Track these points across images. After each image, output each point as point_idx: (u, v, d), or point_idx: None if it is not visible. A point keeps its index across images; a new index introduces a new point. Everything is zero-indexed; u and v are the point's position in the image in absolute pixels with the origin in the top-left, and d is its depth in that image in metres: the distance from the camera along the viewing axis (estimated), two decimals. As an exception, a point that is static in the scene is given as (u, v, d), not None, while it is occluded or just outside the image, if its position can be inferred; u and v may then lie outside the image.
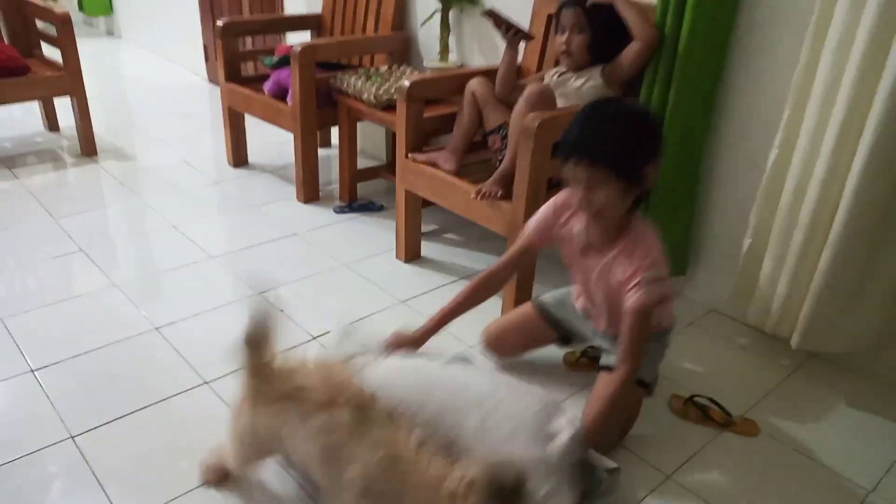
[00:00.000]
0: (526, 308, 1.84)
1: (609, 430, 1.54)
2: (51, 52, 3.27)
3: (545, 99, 1.89)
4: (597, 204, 1.43)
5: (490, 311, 1.92)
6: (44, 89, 3.11)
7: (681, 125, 1.94)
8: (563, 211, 1.61)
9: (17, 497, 1.42)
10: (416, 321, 1.72)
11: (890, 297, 1.72)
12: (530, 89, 1.92)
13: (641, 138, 1.43)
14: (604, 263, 1.53)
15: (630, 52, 1.91)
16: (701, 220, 2.15)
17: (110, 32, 6.09)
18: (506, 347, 1.86)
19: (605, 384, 1.51)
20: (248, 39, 3.97)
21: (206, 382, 1.77)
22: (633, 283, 1.45)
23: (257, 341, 1.28)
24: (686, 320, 2.13)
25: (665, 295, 1.51)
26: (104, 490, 1.44)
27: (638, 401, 1.65)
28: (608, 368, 1.57)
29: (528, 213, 1.75)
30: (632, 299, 1.46)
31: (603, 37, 1.96)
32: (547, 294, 1.84)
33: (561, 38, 2.02)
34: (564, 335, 1.82)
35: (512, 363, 1.87)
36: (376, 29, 2.90)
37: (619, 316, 1.51)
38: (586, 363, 1.86)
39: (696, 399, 1.75)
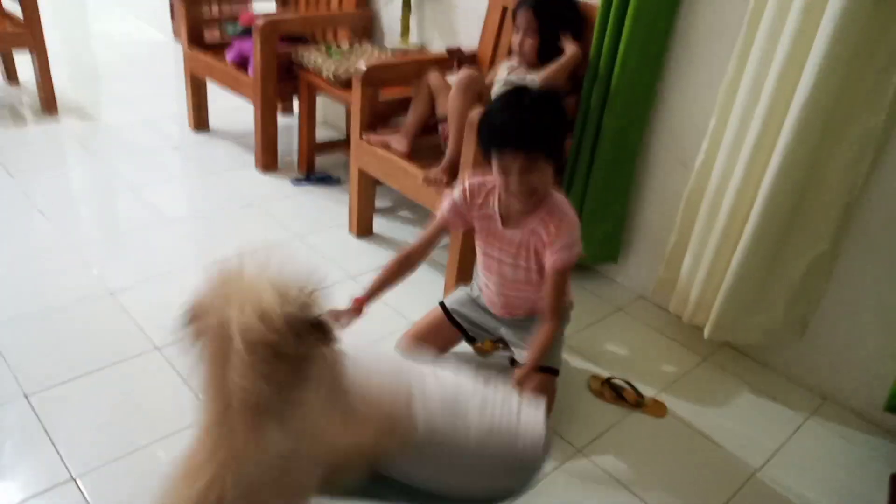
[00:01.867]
0: (436, 312, 1.88)
1: None
2: (10, 5, 3.24)
3: (474, 83, 2.07)
4: (533, 184, 1.55)
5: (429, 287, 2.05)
6: (4, 43, 3.09)
7: (617, 124, 2.06)
8: (477, 193, 1.68)
9: (-28, 451, 1.52)
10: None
11: (790, 299, 1.89)
12: (460, 76, 2.08)
13: (559, 118, 1.58)
14: (528, 230, 1.63)
15: (557, 64, 2.06)
16: (633, 212, 2.29)
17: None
18: (422, 352, 1.82)
19: (535, 339, 1.62)
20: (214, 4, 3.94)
21: (156, 348, 1.87)
22: (555, 246, 1.59)
23: None
24: (615, 305, 2.29)
25: (576, 257, 1.62)
26: (56, 447, 1.55)
27: (552, 385, 1.77)
28: (518, 364, 1.71)
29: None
30: (553, 259, 1.59)
31: (552, 43, 2.08)
32: (450, 296, 1.91)
33: (515, 38, 2.12)
34: (469, 335, 1.87)
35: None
36: (341, 4, 2.94)
37: (529, 288, 1.67)
38: (498, 347, 1.95)
39: (612, 381, 1.91)
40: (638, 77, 2.02)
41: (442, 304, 1.89)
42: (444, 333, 1.87)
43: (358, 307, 1.61)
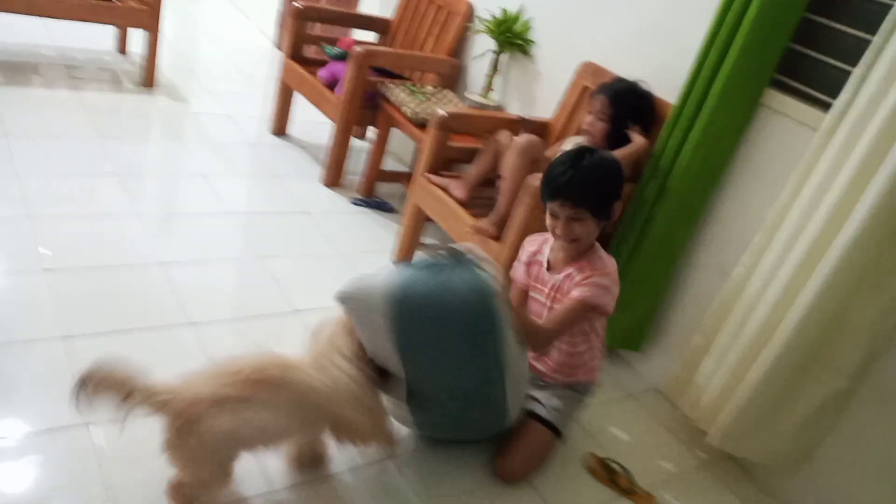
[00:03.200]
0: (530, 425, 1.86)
1: (528, 468, 1.82)
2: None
3: (532, 148, 2.20)
4: (576, 234, 1.74)
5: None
6: (125, 18, 3.34)
7: (666, 220, 2.14)
8: (534, 242, 1.91)
9: None
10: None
11: (799, 426, 1.89)
12: (521, 139, 2.21)
13: (613, 183, 1.76)
14: (564, 275, 1.78)
15: (622, 151, 2.14)
16: (664, 306, 2.33)
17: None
18: (521, 472, 1.84)
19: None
20: (318, 24, 4.17)
21: (190, 324, 1.98)
22: (585, 282, 1.73)
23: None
24: (629, 392, 2.32)
25: (606, 306, 1.73)
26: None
27: (550, 444, 1.85)
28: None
29: (514, 255, 1.98)
30: (577, 290, 1.72)
31: (621, 130, 2.18)
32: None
33: (587, 119, 2.23)
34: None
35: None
36: (434, 49, 3.11)
37: (564, 343, 1.83)
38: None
39: (608, 461, 1.93)
40: (696, 180, 2.09)
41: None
42: (540, 441, 1.87)
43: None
